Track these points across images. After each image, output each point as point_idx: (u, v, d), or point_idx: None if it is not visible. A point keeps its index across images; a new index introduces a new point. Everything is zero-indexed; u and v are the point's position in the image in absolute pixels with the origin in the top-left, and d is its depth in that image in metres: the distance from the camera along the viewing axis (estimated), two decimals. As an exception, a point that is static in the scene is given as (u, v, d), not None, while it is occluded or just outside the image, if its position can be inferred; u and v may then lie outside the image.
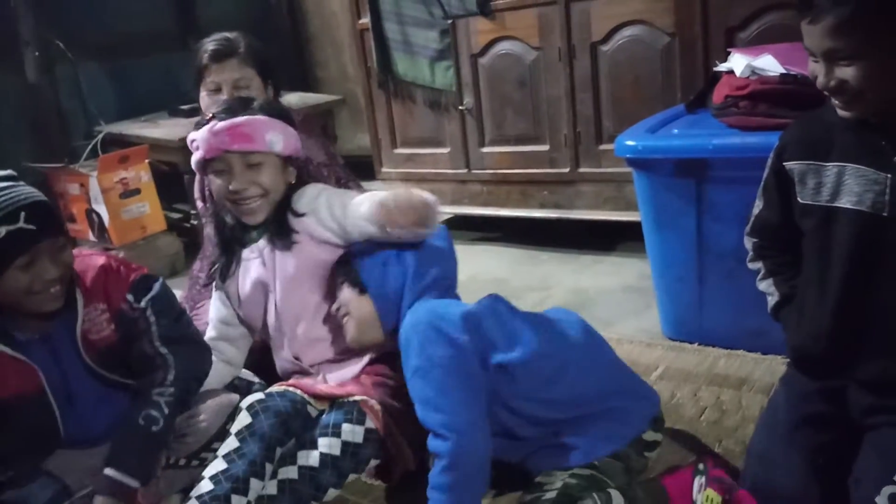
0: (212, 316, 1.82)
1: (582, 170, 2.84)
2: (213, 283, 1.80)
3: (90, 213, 3.20)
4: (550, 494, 1.37)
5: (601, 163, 2.78)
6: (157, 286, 1.59)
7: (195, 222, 3.01)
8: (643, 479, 1.47)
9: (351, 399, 1.59)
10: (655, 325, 2.23)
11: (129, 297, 1.56)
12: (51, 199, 1.49)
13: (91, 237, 3.22)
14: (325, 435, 1.54)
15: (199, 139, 1.65)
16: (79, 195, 3.21)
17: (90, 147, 3.43)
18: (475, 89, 3.02)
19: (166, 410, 1.52)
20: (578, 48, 2.72)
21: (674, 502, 1.41)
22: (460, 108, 3.07)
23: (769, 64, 1.89)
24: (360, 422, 1.57)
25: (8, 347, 1.48)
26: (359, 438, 1.56)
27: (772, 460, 1.36)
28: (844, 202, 1.29)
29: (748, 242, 1.54)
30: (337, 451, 1.53)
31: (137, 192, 3.23)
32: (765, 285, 1.52)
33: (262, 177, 1.66)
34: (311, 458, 1.52)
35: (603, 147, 2.75)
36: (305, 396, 1.61)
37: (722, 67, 2.06)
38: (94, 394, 1.57)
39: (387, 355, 1.68)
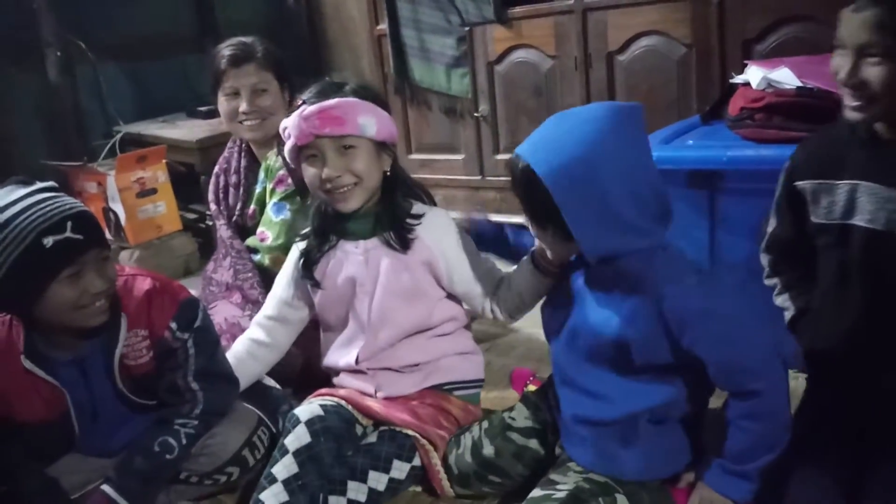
0: (275, 293, 1.78)
1: (596, 179, 2.84)
2: (301, 264, 1.74)
3: (107, 211, 3.23)
4: (560, 495, 1.36)
5: (615, 172, 2.78)
6: (200, 315, 1.56)
7: (210, 223, 3.04)
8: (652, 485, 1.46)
9: (404, 432, 1.58)
10: (666, 335, 2.22)
11: (173, 325, 1.52)
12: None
13: (107, 235, 3.24)
14: (377, 469, 1.54)
15: (289, 125, 1.59)
16: (96, 194, 3.24)
17: (108, 146, 3.46)
18: (491, 96, 3.03)
19: (184, 441, 1.52)
20: (594, 57, 2.72)
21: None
22: (476, 115, 3.08)
23: (785, 77, 1.89)
24: (409, 459, 1.57)
25: (42, 370, 1.46)
26: (403, 476, 1.57)
27: (799, 479, 1.35)
28: (858, 220, 1.29)
29: (764, 259, 1.55)
30: (382, 488, 1.54)
31: (154, 191, 3.25)
32: (781, 300, 1.52)
33: (356, 163, 1.59)
34: (361, 492, 1.52)
35: (617, 157, 2.75)
36: (355, 413, 1.61)
37: (738, 79, 2.06)
38: (118, 415, 1.57)
39: (446, 376, 1.69)
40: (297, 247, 1.76)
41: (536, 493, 1.40)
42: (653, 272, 1.32)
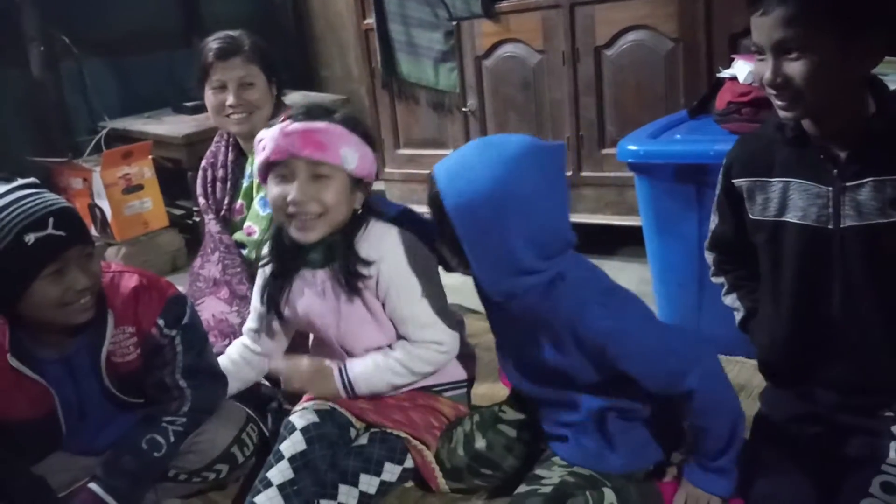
0: (254, 305, 1.74)
1: (584, 173, 2.84)
2: (265, 298, 1.69)
3: (93, 207, 3.21)
4: (545, 489, 1.37)
5: (603, 167, 2.78)
6: (188, 312, 1.54)
7: (197, 219, 3.02)
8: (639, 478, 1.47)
9: (395, 433, 1.58)
10: (654, 329, 2.23)
11: (160, 321, 1.51)
12: (54, 193, 1.46)
13: (93, 232, 3.22)
14: (367, 472, 1.54)
15: (267, 139, 1.51)
16: (82, 190, 3.22)
17: (94, 142, 3.44)
18: (479, 91, 3.02)
19: (172, 439, 1.51)
20: (582, 52, 2.72)
21: (668, 506, 1.42)
22: (464, 109, 3.07)
23: (772, 71, 1.90)
24: (401, 462, 1.57)
25: (27, 368, 1.45)
26: (394, 478, 1.57)
27: (765, 466, 1.37)
28: (791, 216, 1.32)
29: (709, 257, 1.57)
30: (373, 491, 1.54)
31: (140, 187, 3.23)
32: (730, 300, 1.54)
33: (326, 193, 1.50)
34: (352, 496, 1.51)
35: (605, 151, 2.75)
36: (350, 417, 1.60)
37: (725, 74, 2.07)
38: (105, 413, 1.55)
39: (433, 378, 1.67)
40: (263, 272, 1.70)
41: (522, 488, 1.41)
42: (555, 305, 1.34)
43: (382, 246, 1.57)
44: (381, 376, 1.59)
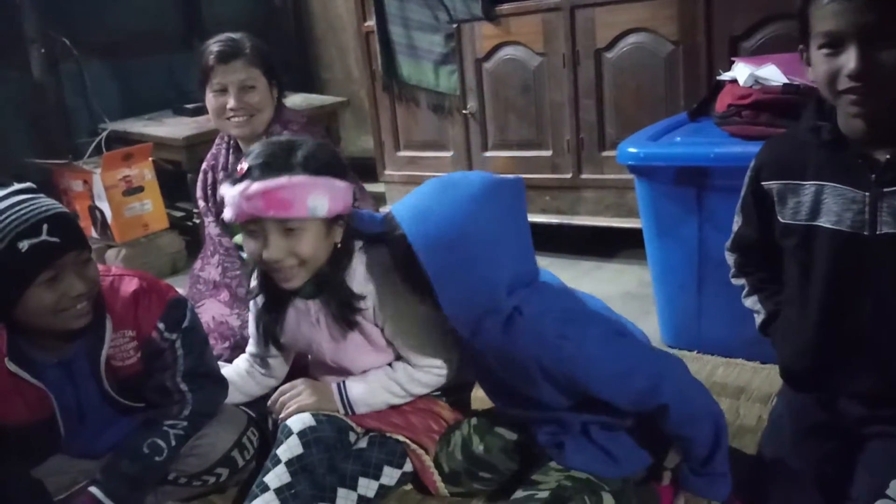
0: (252, 331, 1.73)
1: (584, 176, 2.84)
2: (261, 332, 1.68)
3: (93, 209, 3.21)
4: (542, 494, 1.37)
5: (603, 169, 2.79)
6: (188, 316, 1.53)
7: (197, 221, 3.02)
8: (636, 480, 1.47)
9: (394, 437, 1.58)
10: (654, 332, 2.23)
11: (160, 325, 1.50)
12: (54, 195, 1.44)
13: (93, 234, 3.23)
14: (366, 475, 1.53)
15: (228, 201, 1.45)
16: (82, 192, 3.22)
17: (94, 144, 3.44)
18: (479, 94, 3.03)
19: (173, 443, 1.51)
20: (582, 55, 2.72)
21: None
22: (464, 112, 3.07)
23: (772, 74, 1.90)
24: (400, 465, 1.57)
25: (26, 372, 1.44)
26: (393, 482, 1.57)
27: (779, 474, 1.36)
28: (824, 221, 1.28)
29: (729, 258, 1.55)
30: (372, 494, 1.54)
31: (141, 189, 3.23)
32: (750, 302, 1.52)
33: (301, 245, 1.45)
34: (350, 499, 1.51)
35: (605, 154, 2.76)
36: (349, 422, 1.60)
37: (725, 76, 2.07)
38: (105, 417, 1.55)
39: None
40: (256, 303, 1.68)
41: (519, 493, 1.41)
42: (514, 340, 1.35)
43: (373, 276, 1.55)
44: (381, 397, 1.60)
